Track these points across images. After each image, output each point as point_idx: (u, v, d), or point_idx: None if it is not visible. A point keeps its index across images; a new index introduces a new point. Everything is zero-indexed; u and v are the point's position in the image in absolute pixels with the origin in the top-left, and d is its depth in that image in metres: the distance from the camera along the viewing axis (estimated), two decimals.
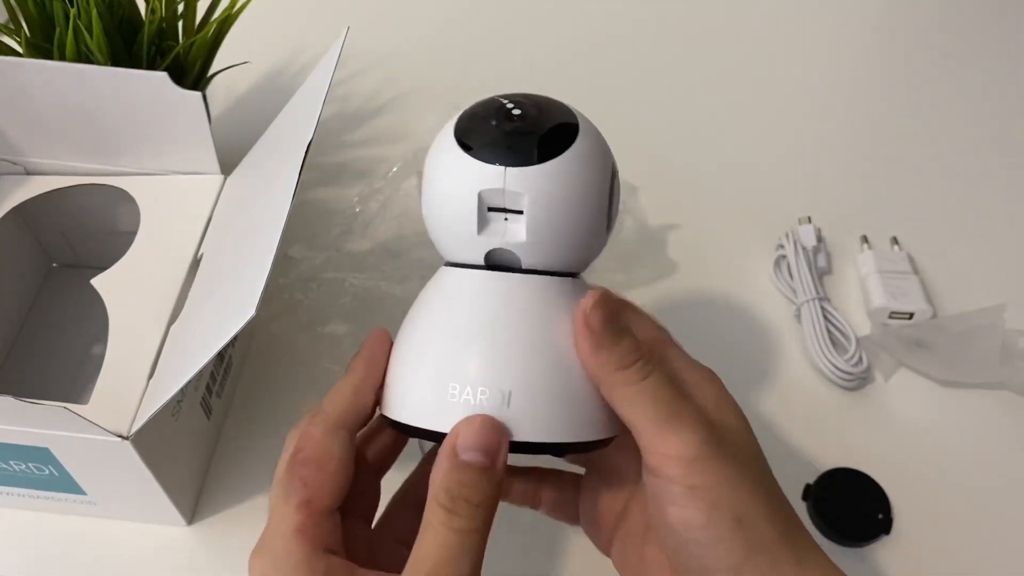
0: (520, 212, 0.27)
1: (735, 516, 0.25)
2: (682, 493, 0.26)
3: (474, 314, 0.27)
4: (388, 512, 0.32)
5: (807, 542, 0.27)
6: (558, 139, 0.27)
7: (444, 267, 0.30)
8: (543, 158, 0.27)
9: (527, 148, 0.27)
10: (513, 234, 0.27)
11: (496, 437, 0.26)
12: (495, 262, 0.28)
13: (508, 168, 0.26)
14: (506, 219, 0.27)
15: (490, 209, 0.27)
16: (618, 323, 0.27)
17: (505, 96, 0.28)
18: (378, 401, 0.29)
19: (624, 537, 0.30)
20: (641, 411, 0.26)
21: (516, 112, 0.27)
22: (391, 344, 0.29)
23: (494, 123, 0.27)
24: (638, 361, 0.26)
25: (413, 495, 0.32)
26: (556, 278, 0.28)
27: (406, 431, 0.28)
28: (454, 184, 0.27)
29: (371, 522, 0.31)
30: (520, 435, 0.26)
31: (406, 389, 0.28)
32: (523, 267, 0.28)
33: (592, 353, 0.26)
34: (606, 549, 0.32)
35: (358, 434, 0.29)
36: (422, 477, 0.32)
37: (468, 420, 0.26)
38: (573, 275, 0.29)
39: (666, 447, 0.26)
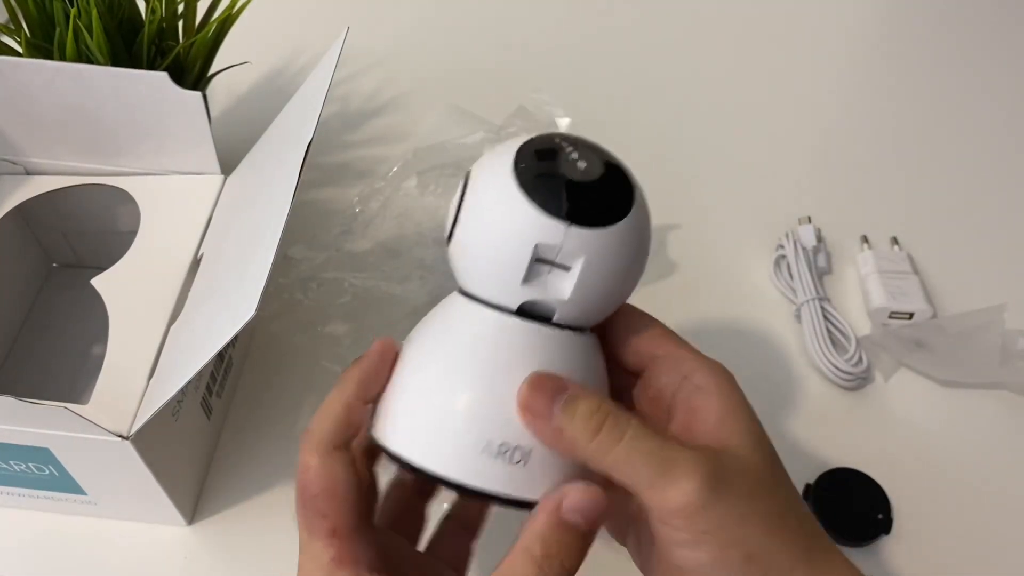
0: (566, 268, 0.26)
1: (746, 554, 0.25)
2: (689, 539, 0.25)
3: (510, 365, 0.26)
4: (437, 534, 0.32)
5: (829, 558, 0.26)
6: (620, 202, 0.27)
7: (467, 300, 0.28)
8: (606, 221, 0.26)
9: (592, 208, 0.26)
10: (556, 290, 0.27)
11: (602, 507, 0.25)
12: (526, 309, 0.27)
13: (571, 226, 0.26)
14: (549, 272, 0.26)
15: (537, 260, 0.26)
16: (564, 393, 0.25)
17: (562, 138, 0.27)
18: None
19: (640, 528, 0.30)
20: (631, 473, 0.25)
21: (581, 164, 0.27)
22: (395, 359, 0.28)
23: (560, 172, 0.26)
24: (605, 422, 0.25)
25: (463, 517, 0.32)
26: (582, 333, 0.28)
27: (418, 473, 0.26)
28: (510, 229, 0.26)
29: (417, 544, 0.31)
30: (535, 494, 0.26)
31: (429, 431, 0.26)
32: (553, 320, 0.27)
33: (556, 438, 0.25)
34: (622, 539, 0.31)
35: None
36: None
37: (582, 487, 0.25)
38: (591, 329, 0.29)
39: (665, 502, 0.25)
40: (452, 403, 0.26)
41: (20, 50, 0.45)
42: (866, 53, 0.69)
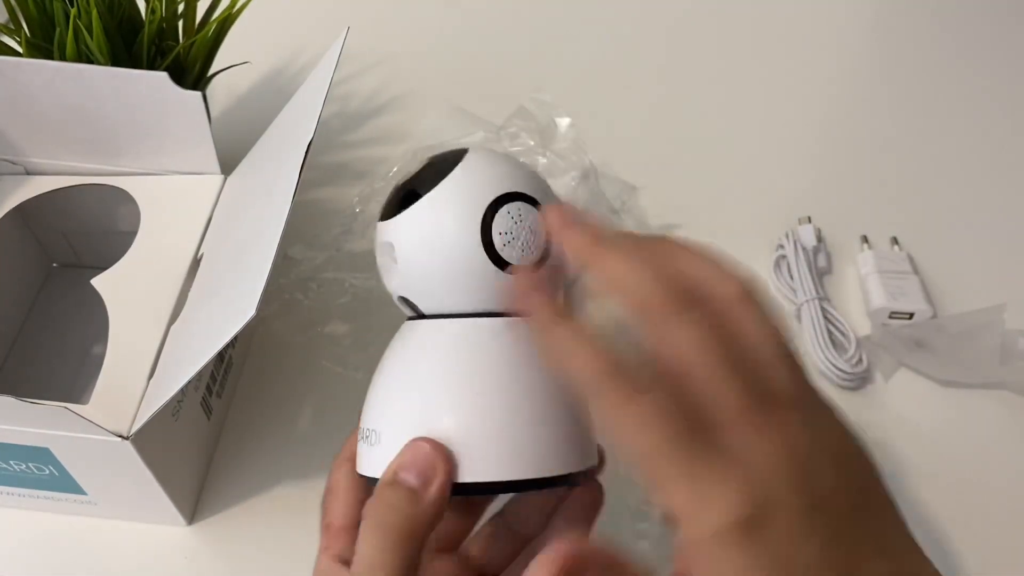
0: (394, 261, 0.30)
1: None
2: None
3: (405, 363, 0.30)
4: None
5: None
6: (421, 185, 0.29)
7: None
8: (402, 207, 0.29)
9: (393, 200, 0.30)
10: (397, 284, 0.31)
11: (433, 464, 0.26)
12: (412, 313, 0.31)
13: (380, 222, 0.30)
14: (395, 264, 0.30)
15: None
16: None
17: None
18: None
19: None
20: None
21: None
22: None
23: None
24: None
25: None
26: (472, 319, 0.29)
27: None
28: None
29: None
30: (470, 476, 0.27)
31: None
32: (424, 312, 0.30)
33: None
34: None
35: None
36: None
37: (415, 443, 0.26)
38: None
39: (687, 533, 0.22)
40: (383, 414, 0.29)
41: (20, 50, 0.45)
42: (866, 53, 0.69)
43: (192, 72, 0.47)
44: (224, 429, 0.45)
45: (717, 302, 0.24)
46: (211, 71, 0.49)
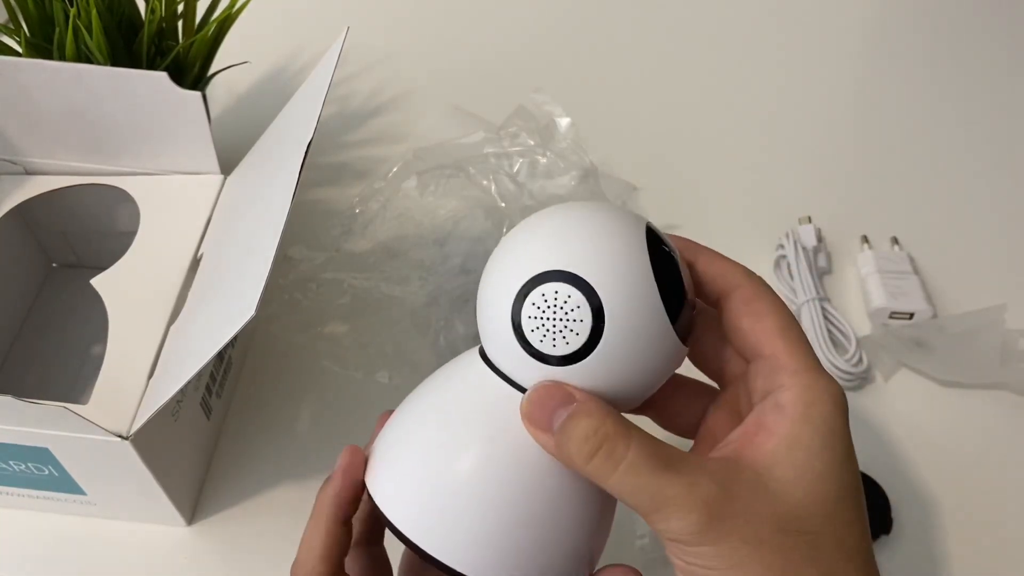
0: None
1: None
2: (689, 568, 0.23)
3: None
4: None
5: None
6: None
7: (492, 374, 0.26)
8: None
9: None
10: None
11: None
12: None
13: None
14: None
15: None
16: (567, 408, 0.24)
17: (667, 243, 0.27)
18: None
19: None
20: (629, 501, 0.24)
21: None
22: (364, 465, 0.28)
23: (688, 296, 0.26)
24: (601, 447, 0.23)
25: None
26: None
27: (418, 552, 0.26)
28: (660, 360, 0.25)
29: None
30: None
31: (432, 512, 0.26)
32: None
33: (556, 452, 0.24)
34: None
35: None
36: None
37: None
38: None
39: (662, 533, 0.23)
40: (461, 489, 0.25)
41: (20, 50, 0.45)
42: (866, 53, 0.69)
43: (192, 72, 0.47)
44: (224, 429, 0.45)
45: None
46: (211, 71, 0.49)
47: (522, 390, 0.26)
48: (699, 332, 0.28)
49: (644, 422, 0.29)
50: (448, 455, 0.26)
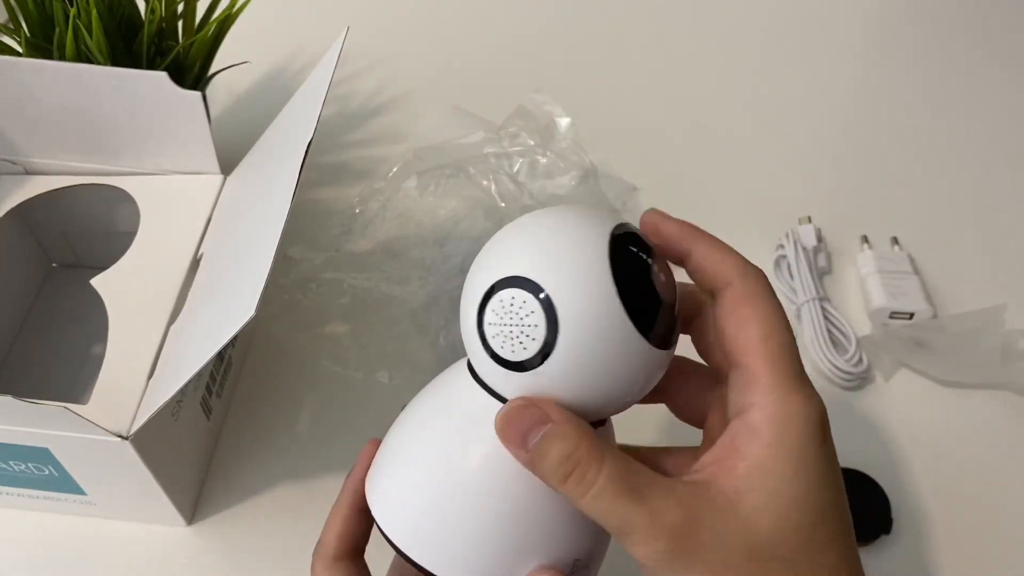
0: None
1: None
2: None
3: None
4: None
5: None
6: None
7: (483, 392, 0.26)
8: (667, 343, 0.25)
9: (671, 326, 0.25)
10: None
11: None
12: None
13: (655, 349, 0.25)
14: None
15: None
16: (540, 429, 0.24)
17: (641, 247, 0.25)
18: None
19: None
20: (601, 524, 0.24)
21: (661, 278, 0.25)
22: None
23: (663, 302, 0.25)
24: (574, 472, 0.23)
25: None
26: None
27: (416, 565, 0.26)
28: (623, 367, 0.24)
29: None
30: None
31: (429, 530, 0.26)
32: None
33: (531, 468, 0.24)
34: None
35: None
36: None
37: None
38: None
39: (633, 556, 0.23)
40: (457, 508, 0.25)
41: (20, 50, 0.45)
42: (867, 53, 0.69)
43: (192, 72, 0.47)
44: (224, 429, 0.45)
45: None
46: (211, 71, 0.49)
47: (502, 399, 0.25)
48: (702, 323, 0.28)
49: (661, 409, 0.29)
50: (437, 468, 0.26)
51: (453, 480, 0.26)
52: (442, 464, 0.26)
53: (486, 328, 0.24)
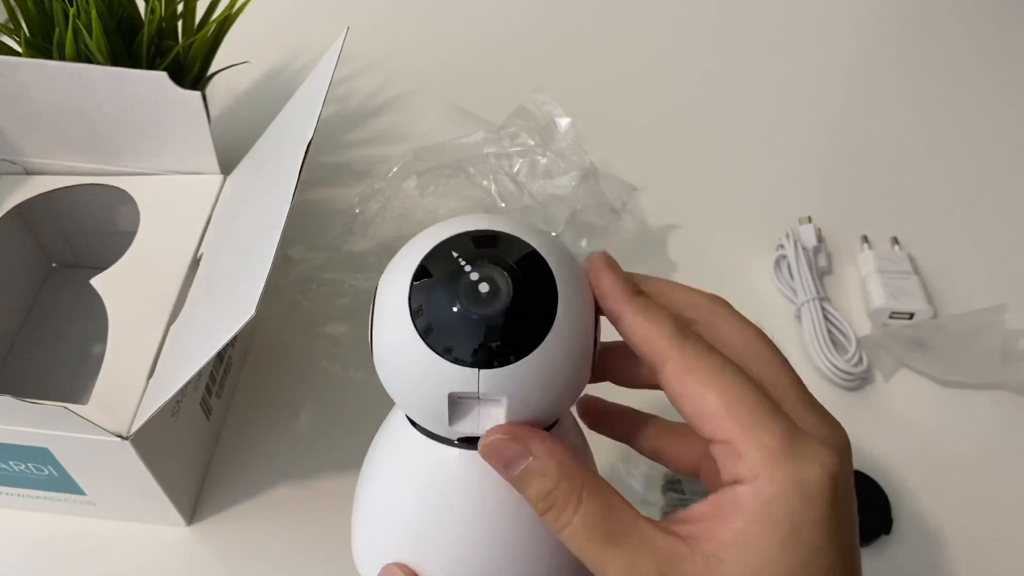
0: (496, 400, 0.24)
1: None
2: None
3: (460, 501, 0.26)
4: None
5: None
6: (536, 322, 0.23)
7: (410, 427, 0.27)
8: (521, 354, 0.23)
9: (503, 347, 0.23)
10: (490, 418, 0.24)
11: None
12: (465, 437, 0.25)
13: (482, 371, 0.23)
14: (479, 403, 0.24)
15: (459, 398, 0.24)
16: (523, 462, 0.24)
17: (461, 251, 0.24)
18: None
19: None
20: (578, 558, 0.24)
21: (484, 289, 0.23)
22: None
23: (457, 309, 0.23)
24: (552, 507, 0.23)
25: None
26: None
27: None
28: (419, 378, 0.24)
29: None
30: None
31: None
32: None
33: (515, 487, 0.25)
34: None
35: None
36: None
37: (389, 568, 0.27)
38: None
39: None
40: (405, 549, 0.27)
41: (20, 50, 0.45)
42: (867, 53, 0.69)
43: (192, 72, 0.47)
44: (224, 429, 0.45)
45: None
46: (211, 71, 0.49)
47: (444, 439, 0.26)
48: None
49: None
50: (412, 528, 0.27)
51: (440, 538, 0.26)
52: (420, 522, 0.27)
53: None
